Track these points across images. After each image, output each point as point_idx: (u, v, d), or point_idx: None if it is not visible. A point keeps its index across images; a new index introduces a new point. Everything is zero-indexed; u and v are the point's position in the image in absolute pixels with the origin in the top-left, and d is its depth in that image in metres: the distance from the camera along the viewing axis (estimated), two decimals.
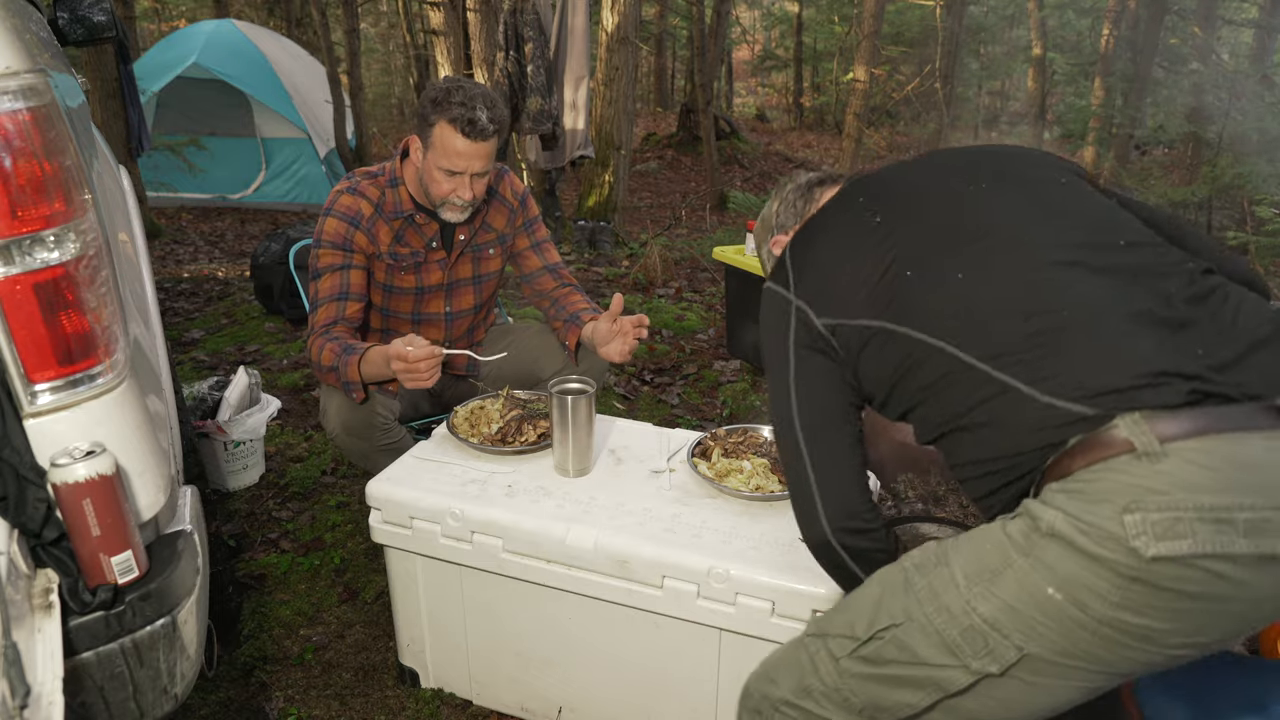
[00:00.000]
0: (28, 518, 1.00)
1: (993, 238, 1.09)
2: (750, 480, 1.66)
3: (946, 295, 1.07)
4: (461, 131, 1.86)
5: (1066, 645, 0.92)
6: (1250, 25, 10.81)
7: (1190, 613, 0.88)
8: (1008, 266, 1.06)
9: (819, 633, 1.11)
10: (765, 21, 19.57)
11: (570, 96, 6.07)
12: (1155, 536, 0.86)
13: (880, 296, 1.12)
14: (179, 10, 15.14)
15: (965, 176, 1.19)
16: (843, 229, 1.21)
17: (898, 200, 1.20)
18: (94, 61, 5.39)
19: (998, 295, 1.04)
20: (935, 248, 1.11)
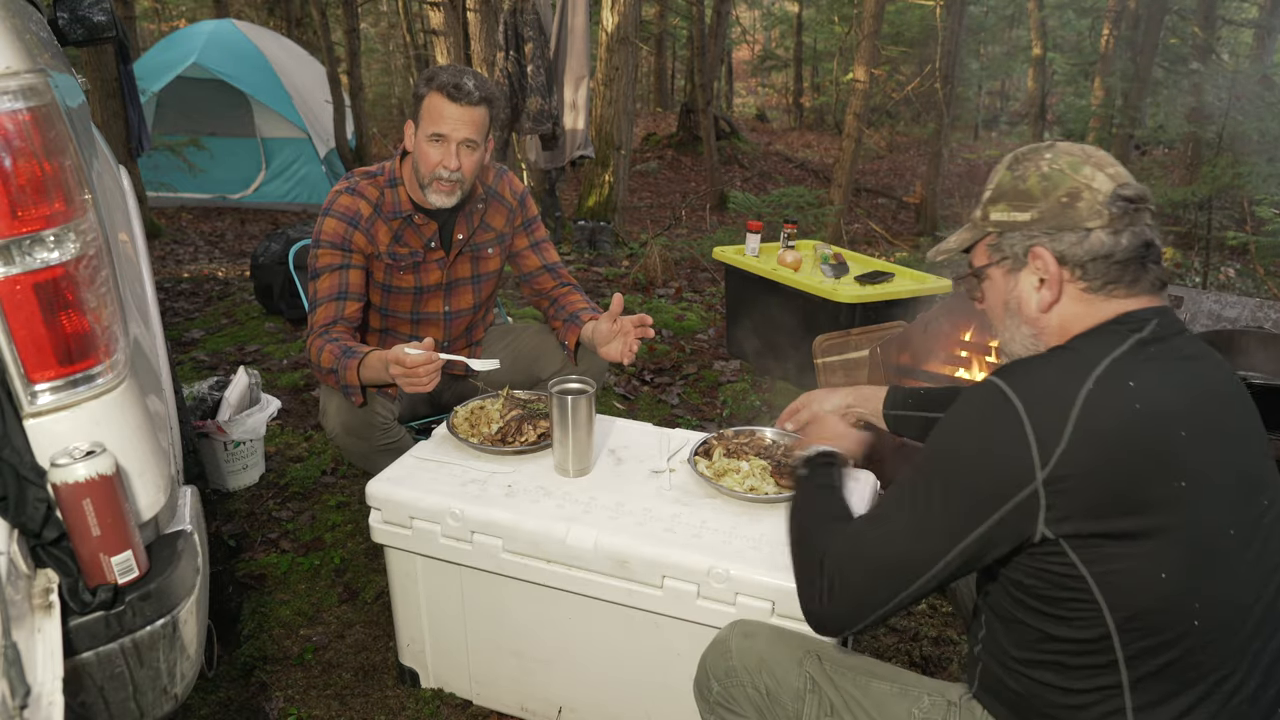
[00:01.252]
0: (28, 518, 1.00)
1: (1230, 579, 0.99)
2: (745, 481, 1.65)
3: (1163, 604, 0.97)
4: (448, 96, 1.92)
5: None
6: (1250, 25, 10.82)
7: None
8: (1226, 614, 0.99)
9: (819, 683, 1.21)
10: (765, 21, 19.58)
11: (570, 96, 6.07)
12: None
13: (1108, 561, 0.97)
14: (179, 10, 15.15)
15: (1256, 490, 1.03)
16: (1142, 467, 0.96)
17: (1215, 485, 0.98)
18: (94, 61, 5.39)
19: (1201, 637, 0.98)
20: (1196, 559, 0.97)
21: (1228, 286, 6.05)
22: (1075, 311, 1.08)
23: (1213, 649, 0.97)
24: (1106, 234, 1.04)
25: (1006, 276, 1.12)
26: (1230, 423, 1.04)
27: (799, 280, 3.33)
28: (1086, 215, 1.05)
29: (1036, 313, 1.10)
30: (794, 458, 1.36)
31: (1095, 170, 1.06)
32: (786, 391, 3.54)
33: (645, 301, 4.82)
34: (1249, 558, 0.99)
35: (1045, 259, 1.07)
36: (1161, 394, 0.98)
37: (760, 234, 3.71)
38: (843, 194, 6.97)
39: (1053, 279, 1.07)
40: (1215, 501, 0.98)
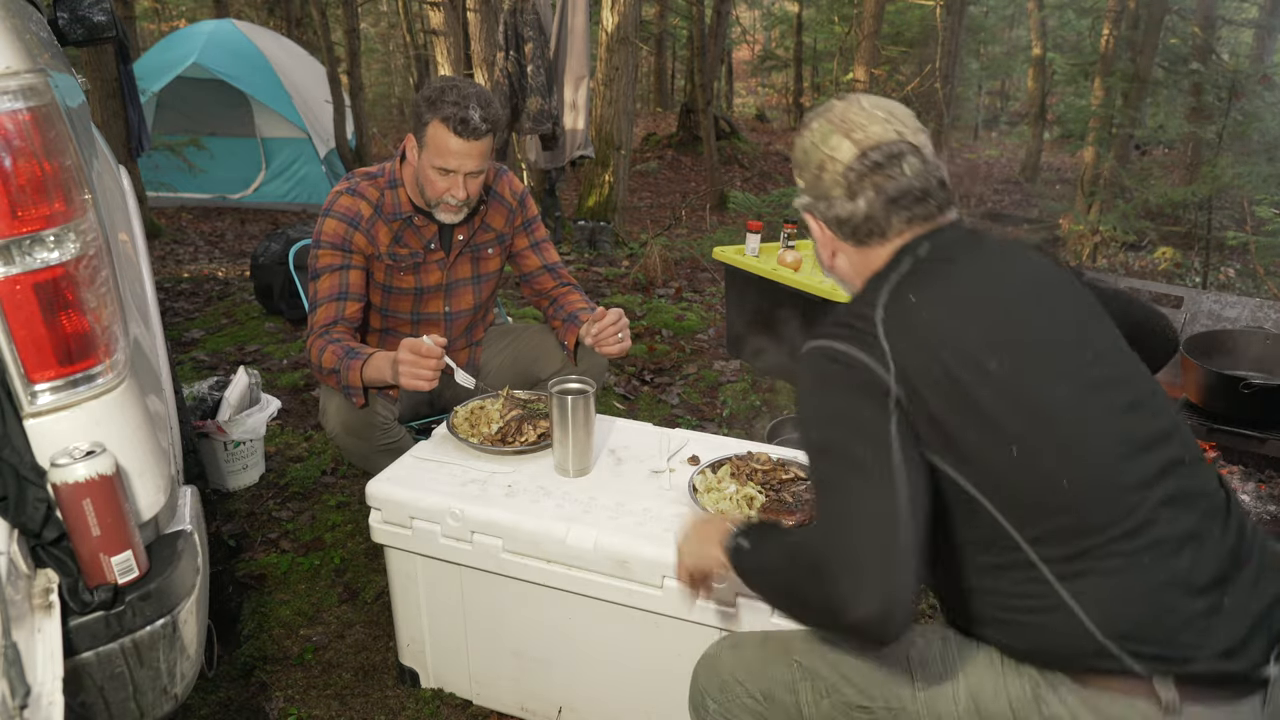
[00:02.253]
0: (28, 518, 1.00)
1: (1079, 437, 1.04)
2: (719, 504, 1.59)
3: (1041, 489, 1.02)
4: (454, 130, 1.86)
5: None
6: (1250, 25, 10.82)
7: None
8: (1105, 480, 1.02)
9: (809, 666, 1.18)
10: (765, 21, 19.57)
11: (570, 96, 6.07)
12: None
13: (967, 453, 1.03)
14: (179, 10, 15.15)
15: (1079, 350, 1.10)
16: (954, 353, 1.04)
17: (1021, 358, 1.06)
18: (94, 61, 5.39)
19: (1091, 513, 1.02)
20: (1039, 430, 1.03)
21: (1228, 286, 6.05)
22: (855, 260, 1.20)
23: (1098, 503, 1.01)
24: (845, 201, 1.15)
25: (815, 232, 1.25)
26: (1029, 299, 1.12)
27: (799, 280, 3.33)
28: (830, 185, 1.16)
29: (828, 265, 1.24)
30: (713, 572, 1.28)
31: (842, 139, 1.15)
32: (787, 391, 3.54)
33: (645, 301, 4.82)
34: (1092, 411, 1.05)
35: (812, 224, 1.22)
36: (946, 295, 1.09)
37: (760, 234, 3.71)
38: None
39: (824, 240, 1.22)
40: (1032, 369, 1.05)
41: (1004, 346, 1.06)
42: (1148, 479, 1.03)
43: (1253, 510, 2.29)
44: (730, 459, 1.73)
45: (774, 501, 1.57)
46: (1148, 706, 0.98)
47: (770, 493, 1.61)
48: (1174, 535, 1.02)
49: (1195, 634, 0.99)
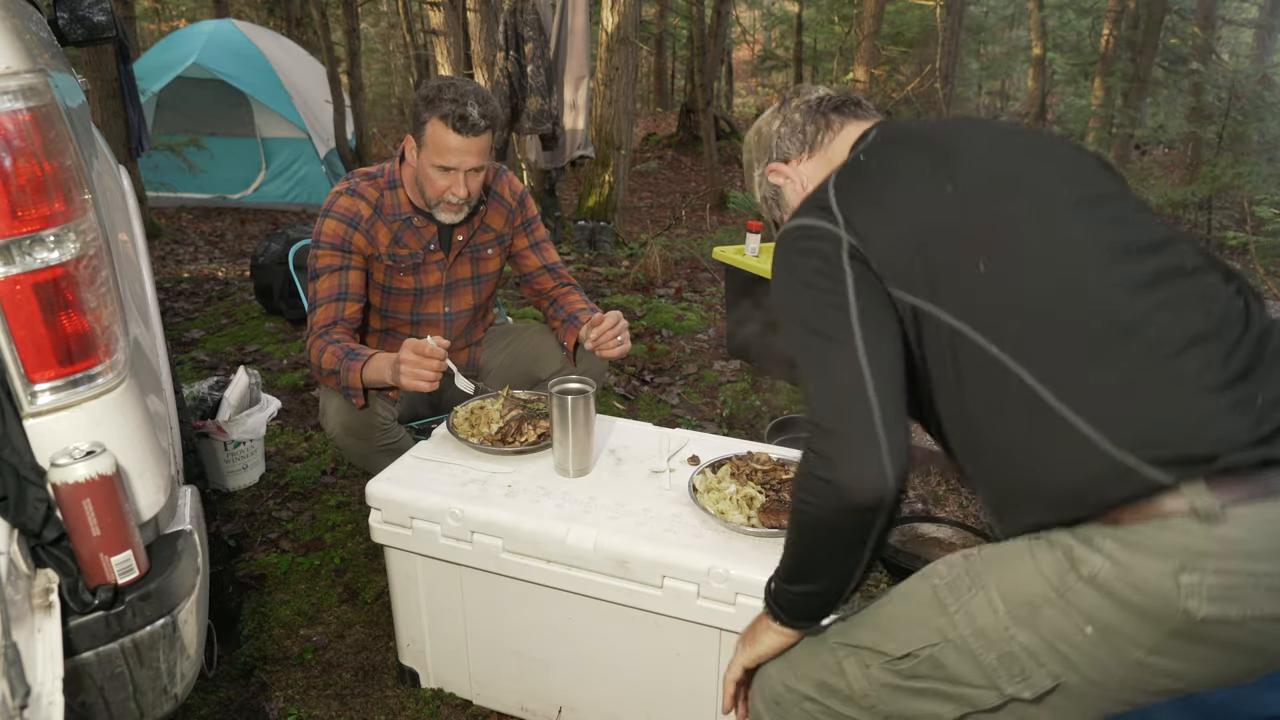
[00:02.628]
0: (28, 518, 1.00)
1: (1070, 250, 1.00)
2: (718, 504, 1.59)
3: (1017, 300, 0.98)
4: (453, 127, 1.87)
5: (1098, 678, 0.94)
6: (1250, 25, 10.82)
7: (1225, 662, 0.91)
8: (1083, 281, 0.98)
9: (846, 642, 1.11)
10: (765, 21, 19.56)
11: (570, 96, 6.07)
12: (1209, 599, 0.87)
13: (938, 279, 1.01)
14: (179, 10, 15.15)
15: (1048, 169, 1.08)
16: (904, 187, 1.07)
17: (977, 177, 1.06)
18: (94, 61, 5.39)
19: (1072, 312, 0.97)
20: (1009, 240, 1.00)
21: None
22: (821, 174, 1.26)
23: (1076, 309, 0.96)
24: (783, 125, 1.32)
25: (784, 209, 1.36)
26: (993, 137, 1.14)
27: None
28: (769, 131, 1.34)
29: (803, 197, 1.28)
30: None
31: (773, 114, 1.35)
32: (787, 391, 3.54)
33: (645, 301, 4.82)
34: (1062, 219, 1.02)
35: (777, 169, 1.33)
36: (896, 148, 1.15)
37: (760, 234, 3.71)
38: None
39: (789, 172, 1.32)
40: (993, 188, 1.05)
41: (960, 170, 1.06)
42: (1136, 284, 0.97)
43: None
44: (730, 459, 1.73)
45: (774, 501, 1.57)
46: (1186, 522, 0.88)
47: (770, 493, 1.61)
48: (1174, 338, 0.93)
49: (1220, 426, 0.90)
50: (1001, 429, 0.99)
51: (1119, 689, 0.95)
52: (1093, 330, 0.95)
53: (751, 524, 1.53)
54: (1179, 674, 0.92)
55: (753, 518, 1.54)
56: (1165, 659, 0.91)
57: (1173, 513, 0.89)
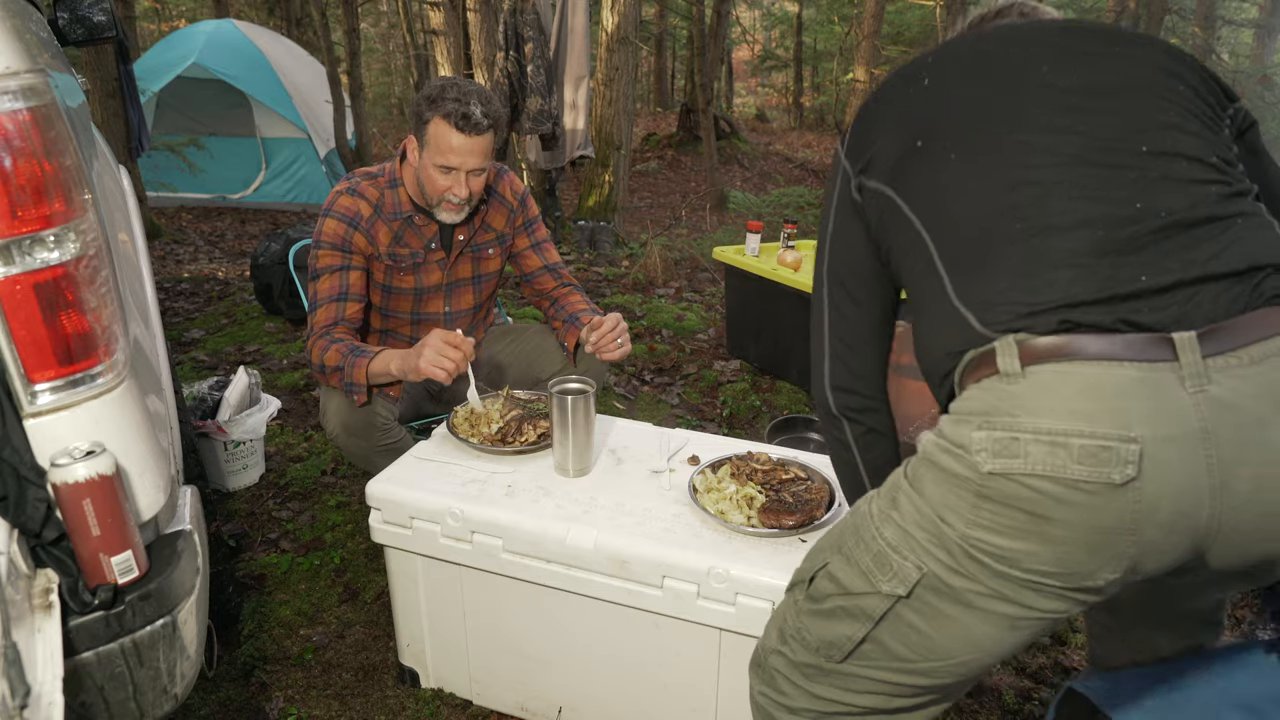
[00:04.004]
0: (28, 518, 1.00)
1: (1003, 134, 1.01)
2: (718, 504, 1.59)
3: (941, 177, 1.04)
4: (456, 126, 1.87)
5: (952, 564, 0.95)
6: (1250, 25, 10.82)
7: (1035, 534, 0.89)
8: (1005, 161, 1.00)
9: (789, 584, 1.18)
10: (765, 21, 19.57)
11: (570, 96, 6.07)
12: (993, 453, 0.89)
13: (898, 164, 1.08)
14: (179, 10, 15.16)
15: (1040, 64, 1.05)
16: (897, 88, 1.15)
17: (952, 67, 1.11)
18: (94, 61, 5.39)
19: (980, 190, 1.00)
20: (955, 126, 1.05)
21: None
22: None
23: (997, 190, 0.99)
24: None
25: None
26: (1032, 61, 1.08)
27: (799, 280, 3.33)
28: None
29: None
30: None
31: None
32: (787, 391, 3.54)
33: (645, 301, 4.82)
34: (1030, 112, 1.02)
35: None
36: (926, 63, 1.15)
37: (760, 234, 3.71)
38: None
39: None
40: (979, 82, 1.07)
41: (956, 68, 1.10)
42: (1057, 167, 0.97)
43: None
44: (730, 459, 1.73)
45: (774, 501, 1.57)
46: (992, 381, 0.92)
47: (770, 493, 1.61)
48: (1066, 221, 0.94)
49: (1049, 292, 0.91)
50: (917, 296, 1.07)
51: (976, 584, 0.94)
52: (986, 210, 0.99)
53: (751, 524, 1.53)
54: (1004, 555, 0.91)
55: (753, 518, 1.54)
56: (983, 531, 0.91)
57: (987, 371, 0.93)
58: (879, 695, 1.08)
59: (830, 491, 1.61)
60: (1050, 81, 1.02)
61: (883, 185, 1.10)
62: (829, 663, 1.09)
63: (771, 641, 1.18)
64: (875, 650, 1.04)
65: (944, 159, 1.04)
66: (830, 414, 1.23)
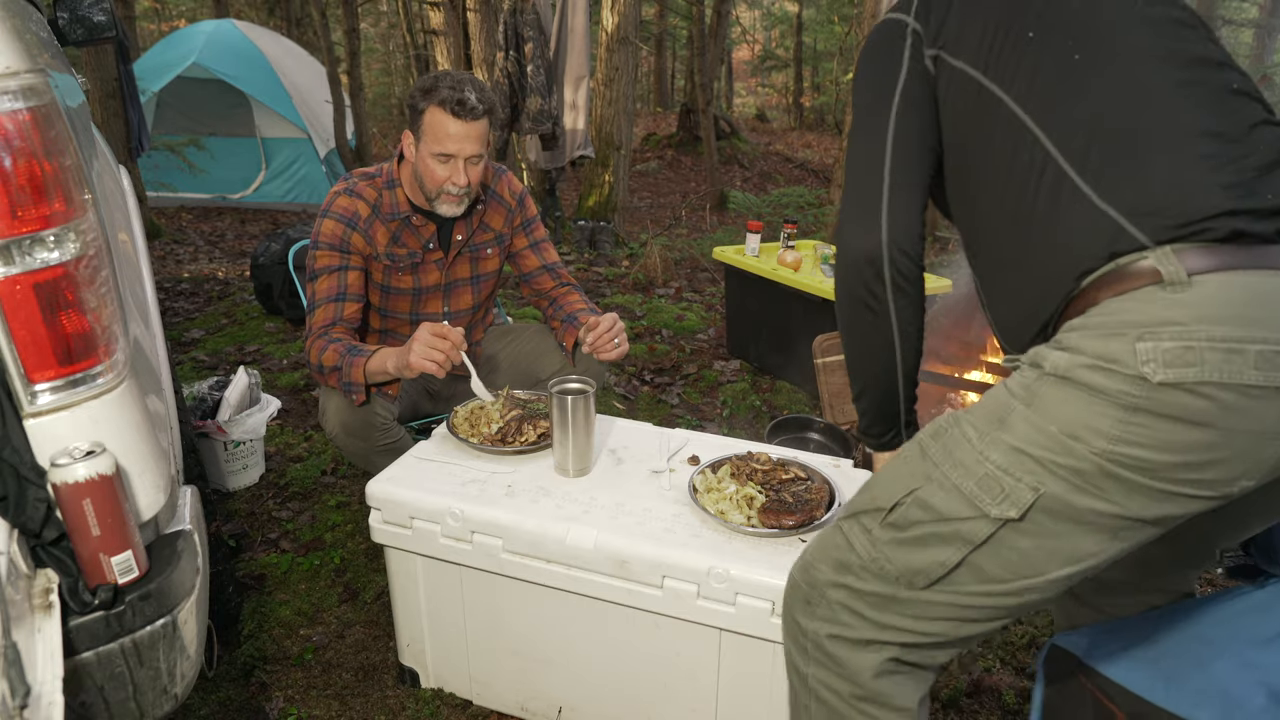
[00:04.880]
0: (28, 518, 1.00)
1: (1114, 39, 1.04)
2: (718, 504, 1.59)
3: (1057, 73, 1.02)
4: (451, 112, 1.88)
5: (1079, 483, 0.93)
6: (1250, 25, 10.82)
7: (1191, 445, 0.89)
8: (1117, 66, 1.01)
9: (850, 513, 1.13)
10: (765, 21, 19.57)
11: (570, 96, 6.07)
12: (1164, 364, 0.87)
13: (996, 48, 1.06)
14: (179, 10, 15.16)
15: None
16: None
17: None
18: (94, 61, 5.39)
19: (1108, 92, 1.00)
20: (1070, 23, 1.05)
21: None
22: None
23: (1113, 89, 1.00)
24: None
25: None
26: None
27: (799, 280, 3.33)
28: None
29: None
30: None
31: None
32: (786, 391, 3.54)
33: (645, 301, 4.82)
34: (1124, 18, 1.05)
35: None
36: None
37: (760, 234, 3.71)
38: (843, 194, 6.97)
39: None
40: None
41: None
42: (1176, 82, 0.99)
43: None
44: (730, 459, 1.73)
45: (774, 501, 1.57)
46: (1149, 290, 0.91)
47: (770, 493, 1.61)
48: (1193, 126, 0.96)
49: (1203, 200, 0.92)
50: (1018, 195, 1.03)
51: (1099, 499, 0.93)
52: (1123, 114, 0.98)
53: (751, 524, 1.53)
54: (1147, 466, 0.90)
55: (753, 518, 1.54)
56: (1128, 446, 0.90)
57: (1140, 281, 0.91)
58: (952, 621, 1.05)
59: (830, 491, 1.61)
60: (1144, 11, 1.06)
61: (972, 69, 1.08)
62: (907, 590, 1.05)
63: (826, 574, 1.13)
64: (967, 574, 1.01)
65: (1063, 56, 1.03)
66: (879, 265, 1.13)
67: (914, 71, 1.14)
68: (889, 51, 1.16)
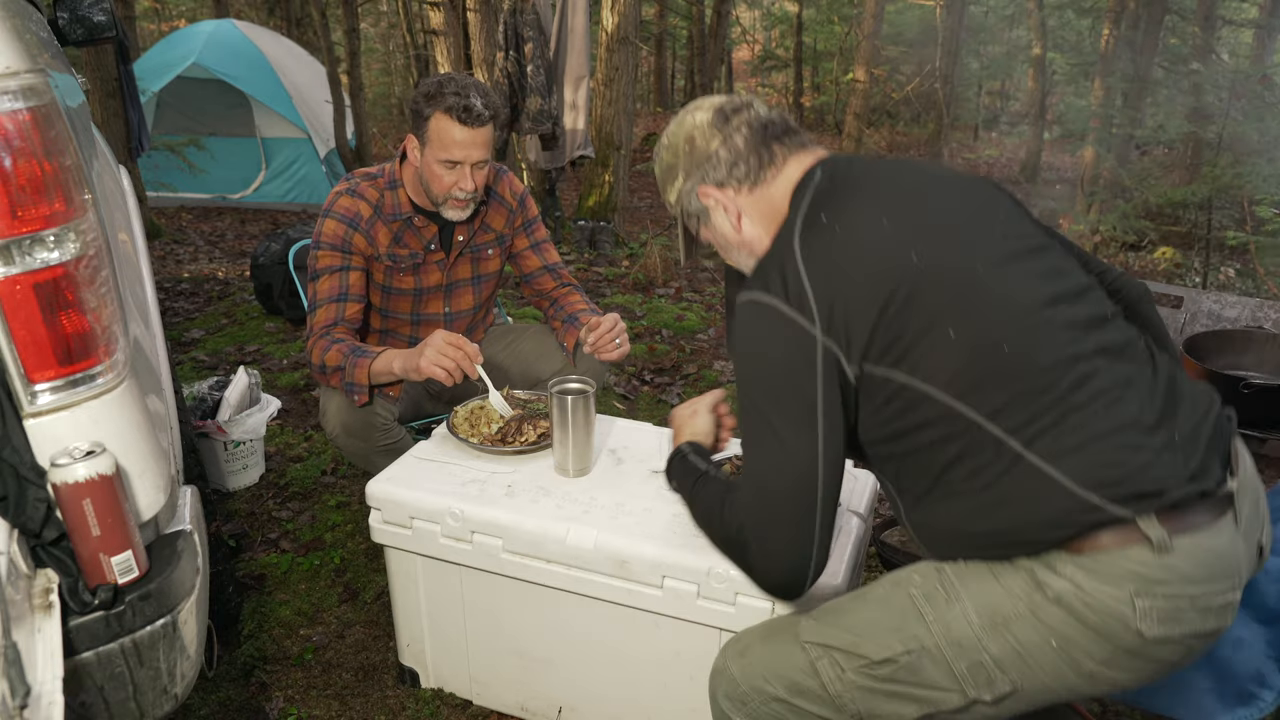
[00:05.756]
0: (28, 518, 1.00)
1: (1010, 305, 1.08)
2: None
3: (978, 355, 1.05)
4: (458, 119, 1.87)
5: (1050, 684, 1.06)
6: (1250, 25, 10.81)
7: (1153, 670, 1.05)
8: (1039, 342, 1.06)
9: (821, 642, 1.15)
10: (765, 21, 19.57)
11: (570, 96, 6.07)
12: (1158, 621, 1.00)
13: (908, 348, 1.06)
14: (179, 10, 15.16)
15: (989, 228, 1.15)
16: (875, 258, 1.08)
17: (937, 243, 1.10)
18: (94, 61, 5.39)
19: (1034, 373, 1.05)
20: (971, 307, 1.07)
21: (1228, 286, 6.05)
22: (760, 208, 1.25)
23: (1041, 361, 1.05)
24: (723, 147, 1.23)
25: (709, 228, 1.32)
26: (934, 187, 1.19)
27: None
28: (705, 145, 1.25)
29: (735, 232, 1.28)
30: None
31: (694, 112, 1.28)
32: None
33: (645, 301, 4.82)
34: (1014, 277, 1.10)
35: (709, 192, 1.26)
36: (855, 206, 1.14)
37: None
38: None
39: (724, 201, 1.26)
40: (950, 252, 1.09)
41: (920, 237, 1.10)
42: (1078, 334, 1.07)
43: None
44: (730, 459, 1.73)
45: None
46: (1140, 551, 0.99)
47: None
48: (1115, 383, 1.05)
49: (1162, 467, 1.02)
50: (971, 479, 1.07)
51: (1066, 692, 1.08)
52: (1057, 386, 1.04)
53: None
54: (1117, 681, 1.06)
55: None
56: (1112, 670, 1.04)
57: (1128, 542, 1.00)
58: None
59: None
60: (1013, 248, 1.13)
61: (891, 371, 1.06)
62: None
63: (775, 690, 1.17)
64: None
65: (966, 334, 1.05)
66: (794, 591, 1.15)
67: (830, 384, 1.08)
68: (798, 363, 1.08)
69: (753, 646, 1.23)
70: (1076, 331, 1.07)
